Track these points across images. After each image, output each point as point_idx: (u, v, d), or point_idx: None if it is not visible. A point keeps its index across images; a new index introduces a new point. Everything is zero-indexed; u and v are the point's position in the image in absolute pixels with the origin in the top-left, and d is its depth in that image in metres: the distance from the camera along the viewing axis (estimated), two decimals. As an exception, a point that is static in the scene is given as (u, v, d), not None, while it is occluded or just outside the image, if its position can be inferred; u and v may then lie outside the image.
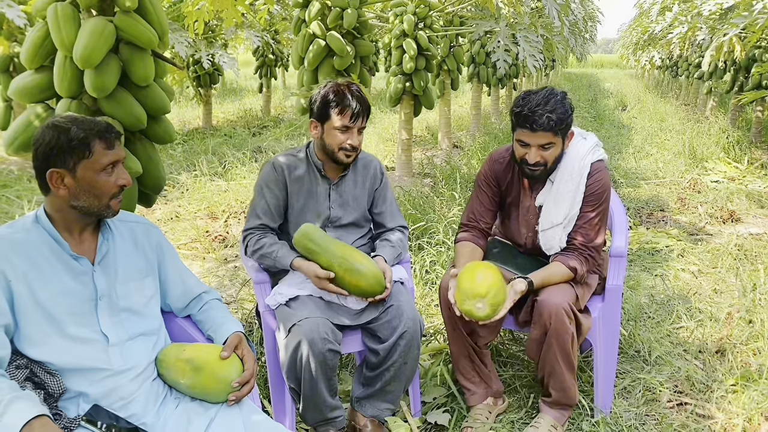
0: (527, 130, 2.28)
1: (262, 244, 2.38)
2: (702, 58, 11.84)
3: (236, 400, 1.65)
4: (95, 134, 1.56)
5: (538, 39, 5.39)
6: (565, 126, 2.29)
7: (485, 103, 12.38)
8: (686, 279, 4.02)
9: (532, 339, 2.34)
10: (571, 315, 2.27)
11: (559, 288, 2.32)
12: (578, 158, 2.41)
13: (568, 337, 2.27)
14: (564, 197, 2.40)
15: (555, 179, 2.42)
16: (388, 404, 2.39)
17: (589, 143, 2.45)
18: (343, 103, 2.31)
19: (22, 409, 1.34)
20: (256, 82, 14.22)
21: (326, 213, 2.46)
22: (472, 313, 2.17)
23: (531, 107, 2.25)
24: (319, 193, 2.45)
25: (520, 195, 2.53)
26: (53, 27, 2.17)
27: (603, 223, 2.45)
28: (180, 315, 1.91)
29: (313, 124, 2.39)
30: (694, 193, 6.18)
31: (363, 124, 2.37)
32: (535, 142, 2.29)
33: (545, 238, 2.46)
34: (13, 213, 5.00)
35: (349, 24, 4.33)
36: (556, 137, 2.29)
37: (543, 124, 2.24)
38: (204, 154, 7.51)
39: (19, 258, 1.54)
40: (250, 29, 7.76)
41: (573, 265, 2.37)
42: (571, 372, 2.35)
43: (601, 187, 2.40)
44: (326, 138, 2.36)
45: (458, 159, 7.46)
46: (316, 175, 2.45)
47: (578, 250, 2.41)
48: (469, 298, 2.16)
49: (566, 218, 2.41)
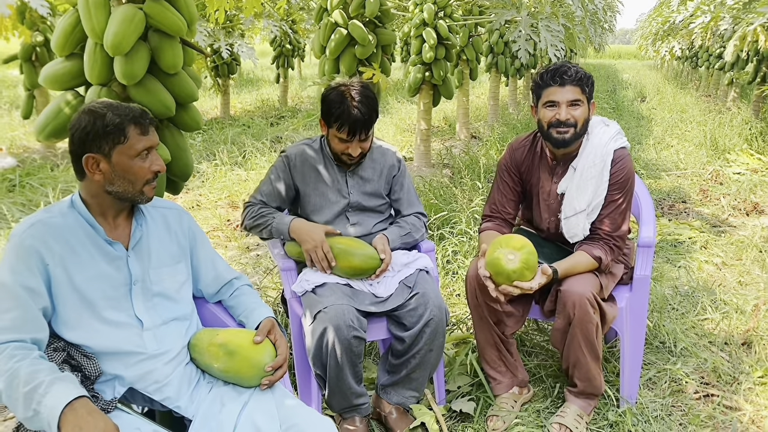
0: (556, 85, 2.32)
1: (260, 213, 2.45)
2: (724, 48, 11.69)
3: (269, 384, 1.66)
4: (130, 120, 1.57)
5: (560, 28, 5.34)
6: (590, 87, 2.34)
7: (503, 93, 12.30)
8: (710, 271, 3.98)
9: (556, 329, 2.34)
10: (595, 305, 2.25)
11: (583, 277, 2.31)
12: (601, 145, 2.39)
13: (592, 326, 2.26)
14: (587, 184, 2.38)
15: (577, 166, 2.41)
16: (412, 392, 2.40)
17: (611, 130, 2.43)
18: (341, 118, 2.29)
19: (63, 390, 1.36)
20: (272, 73, 14.26)
21: (346, 199, 2.47)
22: (501, 262, 2.16)
23: (556, 66, 2.32)
24: (336, 180, 2.47)
25: (540, 180, 2.51)
26: (84, 14, 2.18)
27: (628, 211, 2.43)
28: (211, 300, 1.93)
29: (321, 122, 2.42)
30: (717, 185, 6.11)
31: (366, 136, 2.36)
32: (564, 98, 2.31)
33: (568, 225, 2.44)
34: (37, 201, 5.05)
35: (371, 13, 4.32)
36: (583, 95, 2.32)
37: (571, 76, 2.29)
38: (223, 144, 7.54)
39: (57, 242, 1.55)
40: (268, 19, 7.77)
41: (598, 255, 2.35)
42: (596, 362, 2.34)
43: (626, 174, 2.38)
44: (330, 140, 2.41)
45: (477, 150, 7.43)
46: (331, 162, 2.48)
47: (603, 239, 2.39)
48: (502, 247, 2.16)
49: (590, 206, 2.39)
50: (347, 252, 2.32)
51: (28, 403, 1.36)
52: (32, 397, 1.36)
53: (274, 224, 2.41)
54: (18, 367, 1.40)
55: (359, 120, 2.29)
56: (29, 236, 1.52)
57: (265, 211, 2.46)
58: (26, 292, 1.49)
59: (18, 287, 1.48)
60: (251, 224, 2.47)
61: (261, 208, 2.47)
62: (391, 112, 10.78)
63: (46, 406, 1.34)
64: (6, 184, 5.43)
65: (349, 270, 2.33)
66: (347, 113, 2.28)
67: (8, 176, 5.63)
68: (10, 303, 1.48)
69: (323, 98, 2.38)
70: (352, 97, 2.30)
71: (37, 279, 1.51)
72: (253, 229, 2.48)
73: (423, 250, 2.57)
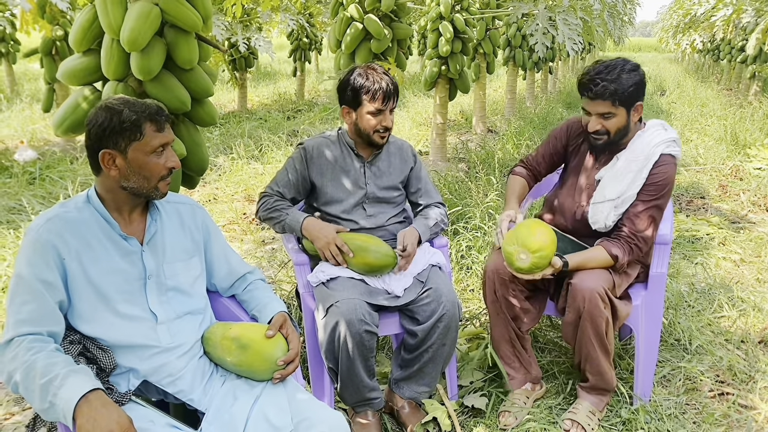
0: (586, 97, 2.33)
1: (275, 206, 2.46)
2: (746, 41, 11.51)
3: (281, 378, 1.68)
4: (146, 117, 1.59)
5: (578, 22, 5.29)
6: (626, 97, 2.29)
7: (520, 87, 12.21)
8: (728, 268, 3.94)
9: (567, 322, 2.34)
10: (606, 300, 2.25)
11: (595, 272, 2.30)
12: (650, 144, 2.38)
13: (602, 321, 2.25)
14: (624, 176, 2.38)
15: (621, 157, 2.41)
16: (425, 387, 2.41)
17: (667, 135, 2.40)
18: (374, 87, 2.36)
19: (78, 383, 1.39)
20: (289, 66, 14.30)
21: (363, 190, 2.48)
22: (512, 258, 2.20)
23: (591, 75, 2.29)
24: (354, 171, 2.49)
25: (582, 164, 2.54)
26: (101, 10, 2.21)
27: (657, 217, 2.39)
28: (225, 294, 1.95)
29: (345, 110, 2.45)
30: (736, 180, 6.04)
31: (394, 105, 2.42)
32: (594, 110, 2.33)
33: (594, 210, 2.44)
34: (57, 193, 5.12)
35: (387, 7, 4.31)
36: (615, 107, 2.30)
37: (599, 93, 2.27)
38: (240, 138, 7.58)
39: (73, 236, 1.58)
40: (285, 13, 7.77)
41: (615, 253, 2.33)
42: (606, 356, 2.34)
43: (664, 180, 2.35)
44: (360, 123, 2.42)
45: (493, 144, 7.40)
46: (350, 153, 2.50)
47: (625, 238, 2.37)
48: (518, 245, 2.19)
49: (620, 197, 2.38)
50: (363, 249, 2.33)
51: (44, 395, 1.39)
52: (48, 389, 1.38)
53: (287, 221, 2.43)
54: (35, 359, 1.43)
55: (390, 85, 2.38)
56: (46, 230, 1.55)
57: (279, 205, 2.47)
58: (43, 285, 1.52)
59: (35, 281, 1.51)
60: (265, 216, 2.49)
61: (276, 200, 2.49)
62: (408, 105, 10.76)
63: (62, 398, 1.37)
64: (26, 177, 5.51)
65: (364, 266, 2.34)
66: (376, 82, 2.36)
67: (29, 169, 5.71)
68: (27, 296, 1.51)
69: (343, 84, 2.43)
70: (374, 69, 2.41)
71: (54, 273, 1.53)
72: (266, 221, 2.50)
73: (436, 246, 2.58)
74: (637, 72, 2.31)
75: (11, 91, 10.92)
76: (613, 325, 2.32)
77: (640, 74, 2.32)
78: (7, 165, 5.89)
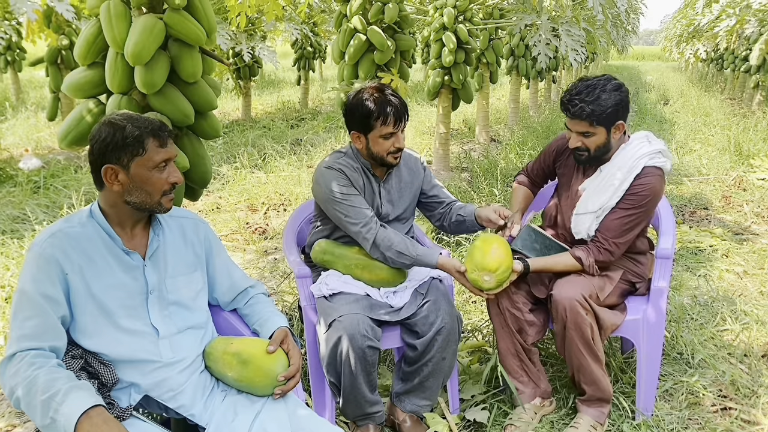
0: (566, 116, 2.37)
1: (392, 242, 2.32)
2: (750, 51, 11.51)
3: (282, 394, 1.68)
4: (149, 132, 1.60)
5: (581, 33, 5.31)
6: (604, 118, 2.30)
7: (524, 96, 12.24)
8: (731, 280, 3.93)
9: (556, 335, 2.38)
10: (586, 306, 2.29)
11: (572, 281, 2.35)
12: (633, 157, 2.39)
13: (586, 327, 2.28)
14: (606, 188, 2.40)
15: (604, 169, 2.44)
16: (426, 400, 2.40)
17: (651, 147, 2.40)
18: (385, 112, 2.29)
19: (79, 399, 1.39)
20: (294, 74, 14.35)
21: (377, 210, 2.46)
22: (479, 283, 2.26)
23: (572, 95, 2.32)
24: (372, 191, 2.46)
25: (572, 177, 2.57)
26: (105, 24, 2.23)
27: (634, 226, 2.38)
28: (226, 309, 1.95)
29: (355, 135, 2.37)
30: (740, 191, 6.03)
31: (405, 125, 2.38)
32: (574, 129, 2.37)
33: (576, 221, 2.48)
34: (61, 202, 5.13)
35: (391, 18, 4.33)
36: (593, 127, 2.32)
37: (576, 113, 2.31)
38: (244, 147, 7.61)
39: (76, 252, 1.58)
40: (289, 22, 7.81)
41: (577, 255, 2.39)
42: (598, 363, 2.35)
43: (646, 190, 2.35)
44: (373, 147, 2.35)
45: (496, 153, 7.41)
46: (367, 174, 2.45)
47: (595, 242, 2.40)
48: (479, 270, 2.24)
49: (600, 209, 2.40)
50: (377, 267, 2.37)
51: (46, 411, 1.39)
52: (49, 405, 1.39)
53: (419, 258, 2.35)
54: (36, 374, 1.43)
55: (400, 106, 2.33)
56: (49, 245, 1.56)
57: (401, 247, 2.32)
58: (46, 300, 1.52)
59: (38, 296, 1.52)
60: (390, 253, 2.35)
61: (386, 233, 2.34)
62: (411, 114, 10.77)
63: (63, 414, 1.37)
64: (31, 186, 5.53)
65: (378, 282, 2.39)
66: (388, 104, 2.30)
67: (33, 178, 5.73)
68: (30, 311, 1.51)
69: (352, 109, 2.34)
70: (381, 91, 2.34)
71: (57, 288, 1.54)
72: (391, 253, 2.35)
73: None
74: (619, 92, 2.30)
75: (17, 99, 10.98)
76: (600, 333, 2.34)
77: (622, 94, 2.31)
78: (12, 174, 5.92)
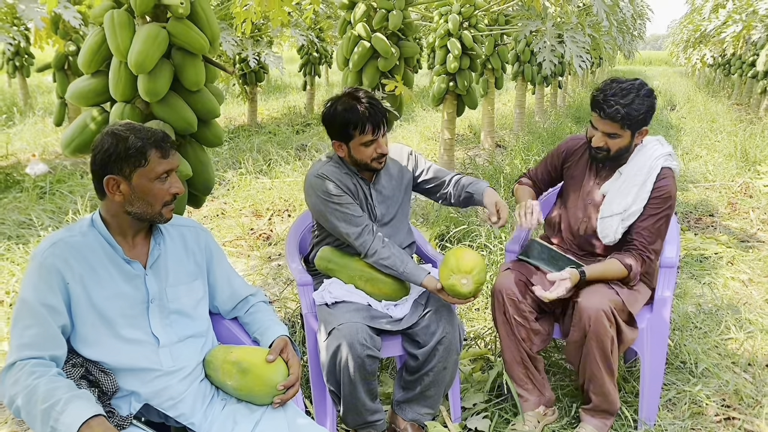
0: (596, 114, 2.37)
1: (381, 256, 2.33)
2: (757, 57, 11.47)
3: (281, 403, 1.69)
4: (152, 143, 1.61)
5: (586, 39, 5.30)
6: (635, 122, 2.34)
7: (529, 101, 12.22)
8: (736, 288, 3.91)
9: (571, 342, 2.34)
10: (611, 318, 2.26)
11: (600, 291, 2.32)
12: (651, 157, 2.45)
13: (607, 340, 2.26)
14: (629, 189, 2.43)
15: (624, 171, 2.47)
16: (427, 408, 2.40)
17: (664, 150, 2.48)
18: (360, 121, 2.25)
19: (80, 409, 1.40)
20: (300, 79, 14.35)
21: (372, 213, 2.46)
22: (456, 288, 2.17)
23: (606, 95, 2.33)
24: (363, 194, 2.46)
25: (584, 177, 2.58)
26: (109, 33, 2.24)
27: (664, 230, 2.45)
28: (227, 317, 1.96)
29: (336, 144, 2.35)
30: (746, 198, 6.00)
31: (386, 130, 2.34)
32: (601, 128, 2.38)
33: (603, 225, 2.48)
34: (66, 207, 5.16)
35: (395, 26, 4.34)
36: (623, 130, 2.35)
37: (610, 114, 2.32)
38: (249, 152, 7.62)
39: (77, 261, 1.59)
40: (295, 28, 7.84)
41: (629, 263, 2.38)
42: (611, 377, 2.33)
43: (666, 192, 2.42)
44: (355, 155, 2.34)
45: (501, 159, 7.40)
46: (356, 178, 2.43)
47: (638, 249, 2.42)
48: (455, 273, 2.17)
49: (626, 211, 2.43)
50: (379, 281, 2.37)
51: (46, 421, 1.40)
52: (50, 415, 1.40)
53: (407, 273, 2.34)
54: (36, 384, 1.44)
55: (376, 112, 2.28)
56: (50, 255, 1.57)
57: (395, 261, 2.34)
58: (46, 309, 1.53)
59: (39, 305, 1.53)
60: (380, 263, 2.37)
61: (383, 245, 2.35)
62: (416, 120, 10.79)
63: (63, 423, 1.38)
64: (37, 191, 5.56)
65: (380, 295, 2.39)
66: (363, 113, 2.25)
67: (39, 183, 5.76)
68: (30, 320, 1.52)
69: (330, 120, 2.31)
70: (356, 98, 2.29)
71: (58, 297, 1.55)
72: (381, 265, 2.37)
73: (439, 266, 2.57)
74: (651, 98, 2.36)
75: (25, 104, 11.04)
76: (618, 348, 2.32)
77: (653, 100, 2.37)
78: (19, 179, 5.96)
